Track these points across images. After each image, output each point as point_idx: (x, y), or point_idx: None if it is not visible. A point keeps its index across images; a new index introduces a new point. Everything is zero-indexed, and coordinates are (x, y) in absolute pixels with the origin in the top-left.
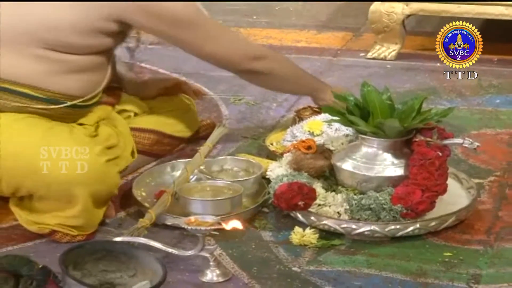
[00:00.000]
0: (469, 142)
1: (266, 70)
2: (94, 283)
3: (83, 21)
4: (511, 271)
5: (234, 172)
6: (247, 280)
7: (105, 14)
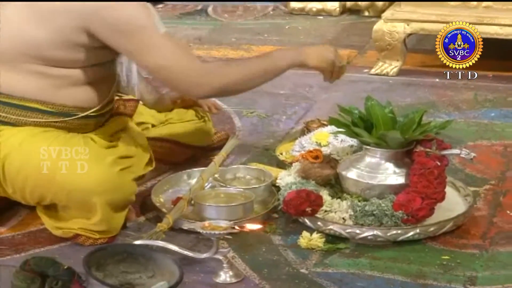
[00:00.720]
0: (466, 152)
1: (221, 89)
2: (115, 284)
3: (58, 35)
4: (505, 273)
5: (246, 180)
6: (258, 281)
7: (74, 26)
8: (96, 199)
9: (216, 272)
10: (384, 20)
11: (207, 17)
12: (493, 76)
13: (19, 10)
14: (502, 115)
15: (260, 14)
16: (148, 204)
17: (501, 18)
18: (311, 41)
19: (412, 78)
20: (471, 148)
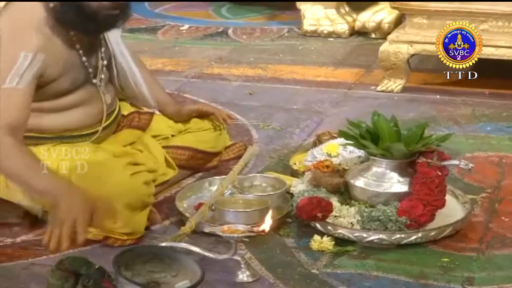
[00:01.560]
0: (464, 163)
1: None
2: (142, 282)
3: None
4: (501, 274)
5: (262, 188)
6: (273, 281)
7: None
8: (116, 204)
9: (234, 272)
10: (389, 42)
11: (228, 38)
12: (489, 93)
13: None
14: (498, 129)
15: (276, 35)
16: (173, 209)
17: (497, 40)
18: (323, 61)
19: (415, 95)
20: (469, 159)
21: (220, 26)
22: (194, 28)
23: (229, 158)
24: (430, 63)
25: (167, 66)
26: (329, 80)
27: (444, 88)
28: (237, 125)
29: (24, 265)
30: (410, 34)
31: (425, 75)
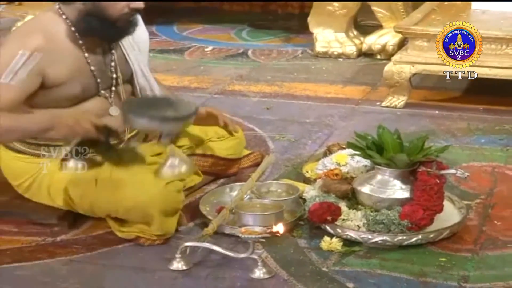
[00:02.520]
0: (460, 172)
1: None
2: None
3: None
4: (493, 273)
5: (278, 193)
6: (287, 277)
7: None
8: (152, 210)
9: (252, 269)
10: (393, 62)
11: (247, 58)
12: (483, 109)
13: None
14: (491, 141)
15: (291, 56)
16: (197, 212)
17: (490, 61)
18: (333, 79)
19: (416, 110)
20: (464, 168)
21: (241, 47)
22: (217, 50)
23: (248, 166)
24: (430, 81)
25: (193, 84)
26: (339, 96)
27: (442, 104)
28: (255, 136)
29: (63, 262)
30: (412, 56)
31: (426, 92)
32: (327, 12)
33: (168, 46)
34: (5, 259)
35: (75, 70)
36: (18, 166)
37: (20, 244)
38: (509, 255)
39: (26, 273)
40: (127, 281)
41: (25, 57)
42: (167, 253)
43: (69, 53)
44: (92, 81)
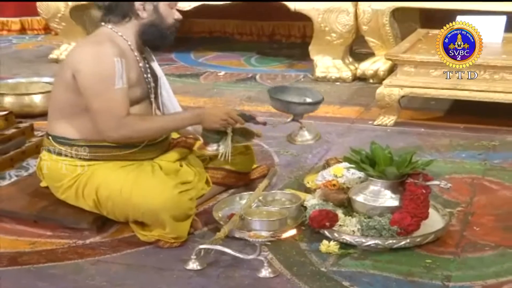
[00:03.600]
0: (444, 183)
1: (122, 137)
2: None
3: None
4: (473, 273)
5: (282, 202)
6: (290, 276)
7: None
8: (163, 215)
9: (258, 269)
10: (384, 86)
11: (255, 82)
12: (464, 127)
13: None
14: (470, 156)
15: (294, 80)
16: (210, 218)
17: (470, 85)
18: (331, 100)
19: (404, 128)
20: (447, 180)
21: (250, 72)
22: (229, 74)
23: (255, 177)
24: (416, 102)
25: (207, 104)
26: (336, 116)
27: (427, 123)
28: (262, 151)
29: (92, 262)
30: (401, 80)
31: (413, 112)
32: (326, 41)
33: (186, 71)
34: (41, 259)
35: (137, 76)
36: (61, 168)
37: (54, 246)
38: (487, 257)
39: (59, 272)
40: (148, 279)
41: (120, 63)
42: (183, 255)
43: (133, 62)
44: (145, 87)
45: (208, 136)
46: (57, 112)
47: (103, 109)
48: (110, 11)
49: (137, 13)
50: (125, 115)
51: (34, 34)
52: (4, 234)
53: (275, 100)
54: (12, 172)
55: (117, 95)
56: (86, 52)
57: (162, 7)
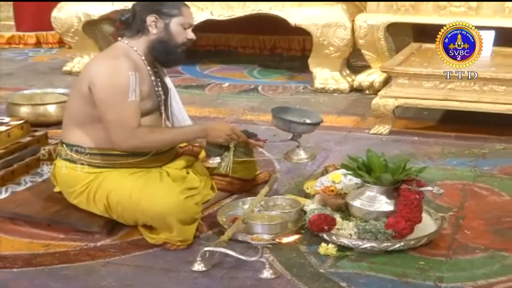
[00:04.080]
0: (436, 189)
1: (132, 147)
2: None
3: (82, 96)
4: (464, 274)
5: (282, 206)
6: (290, 277)
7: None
8: (170, 219)
9: (260, 270)
10: (379, 97)
11: (258, 93)
12: (455, 136)
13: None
14: (461, 163)
15: (294, 91)
16: (215, 222)
17: (460, 96)
18: (329, 110)
19: (399, 137)
20: (439, 186)
21: (252, 84)
22: (232, 86)
23: (258, 183)
24: (410, 112)
25: (212, 114)
26: (334, 125)
27: (420, 132)
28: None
29: (102, 263)
30: (395, 91)
31: (406, 122)
32: (324, 55)
33: (192, 83)
34: (54, 261)
35: (149, 89)
36: (73, 175)
37: (66, 248)
38: (478, 259)
39: (71, 273)
40: (156, 280)
41: (134, 77)
42: (189, 257)
43: (146, 75)
44: (156, 100)
45: (211, 149)
46: (71, 122)
47: (116, 120)
48: (127, 26)
49: (148, 29)
50: (136, 126)
51: (49, 48)
52: (20, 237)
53: (278, 119)
54: (27, 178)
55: (130, 108)
56: (102, 66)
57: (173, 26)
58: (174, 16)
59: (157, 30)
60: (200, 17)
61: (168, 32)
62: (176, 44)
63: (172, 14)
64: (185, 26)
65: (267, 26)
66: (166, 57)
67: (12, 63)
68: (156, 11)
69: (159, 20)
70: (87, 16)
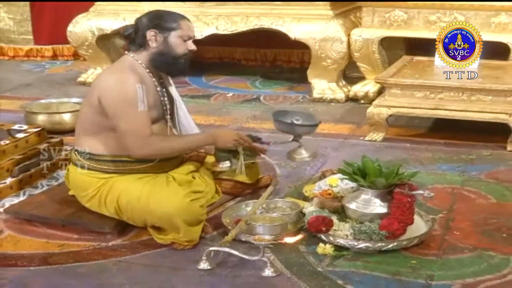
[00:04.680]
0: (427, 192)
1: (146, 155)
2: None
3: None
4: (453, 273)
5: (283, 209)
6: (290, 275)
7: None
8: (177, 220)
9: (262, 269)
10: (374, 106)
11: (260, 102)
12: (444, 143)
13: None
14: (451, 168)
15: (294, 101)
16: (219, 223)
17: (449, 105)
18: (326, 119)
19: (392, 143)
20: (430, 189)
21: (254, 94)
22: (236, 95)
23: (260, 187)
24: (402, 121)
25: (217, 122)
26: (331, 132)
27: (412, 139)
28: (266, 164)
29: (114, 262)
30: (388, 101)
31: (399, 129)
32: (322, 66)
33: (198, 93)
34: (69, 260)
35: (155, 99)
36: (85, 180)
37: (80, 248)
38: (466, 259)
39: (85, 271)
40: (164, 278)
41: (141, 89)
42: (195, 256)
43: (151, 86)
44: (162, 109)
45: (220, 155)
46: (83, 130)
47: (129, 130)
48: (131, 41)
49: (149, 43)
50: (149, 134)
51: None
52: (36, 237)
53: (280, 122)
54: (43, 182)
55: (141, 117)
56: (110, 80)
57: (172, 38)
58: (173, 30)
59: (156, 44)
60: (206, 32)
61: (168, 45)
62: (176, 56)
63: (171, 27)
64: (184, 39)
65: (268, 40)
66: (168, 68)
67: (30, 74)
68: (156, 25)
69: (158, 34)
70: (100, 31)
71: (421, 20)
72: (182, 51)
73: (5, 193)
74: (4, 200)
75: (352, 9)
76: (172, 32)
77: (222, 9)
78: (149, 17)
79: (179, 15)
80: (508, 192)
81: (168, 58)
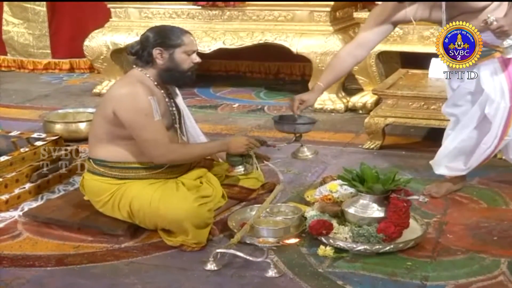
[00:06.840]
0: (422, 198)
1: (169, 161)
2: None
3: (107, 118)
4: (447, 274)
5: (286, 213)
6: (292, 276)
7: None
8: (186, 224)
9: (266, 269)
10: (371, 116)
11: (264, 112)
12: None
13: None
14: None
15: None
16: (226, 226)
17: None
18: (327, 128)
19: (388, 151)
20: (424, 195)
21: (259, 104)
22: (241, 106)
23: (263, 192)
24: (398, 130)
25: (223, 131)
26: (331, 140)
27: (408, 147)
28: (269, 170)
29: (126, 263)
30: (385, 111)
31: (395, 138)
32: None
33: (205, 103)
34: (83, 261)
35: (164, 110)
36: (99, 186)
37: (94, 249)
38: (459, 260)
39: (98, 271)
40: (173, 278)
41: (153, 100)
42: (203, 257)
43: (161, 98)
44: (171, 118)
45: (233, 160)
46: (96, 139)
47: (150, 139)
48: (138, 58)
49: (155, 61)
50: (168, 142)
51: (81, 72)
52: (53, 239)
53: (282, 124)
54: (60, 187)
55: (158, 126)
56: (123, 94)
57: (177, 55)
58: (177, 46)
59: (163, 61)
60: (214, 46)
61: (174, 62)
62: (183, 71)
63: (176, 44)
64: (188, 53)
65: (272, 54)
66: (176, 82)
67: (48, 86)
68: (160, 44)
69: (164, 51)
70: (114, 45)
71: (415, 35)
72: (188, 65)
73: (24, 197)
74: (23, 204)
75: (350, 25)
76: (176, 48)
77: (229, 25)
78: (154, 35)
79: (182, 31)
80: (499, 197)
81: (176, 74)
